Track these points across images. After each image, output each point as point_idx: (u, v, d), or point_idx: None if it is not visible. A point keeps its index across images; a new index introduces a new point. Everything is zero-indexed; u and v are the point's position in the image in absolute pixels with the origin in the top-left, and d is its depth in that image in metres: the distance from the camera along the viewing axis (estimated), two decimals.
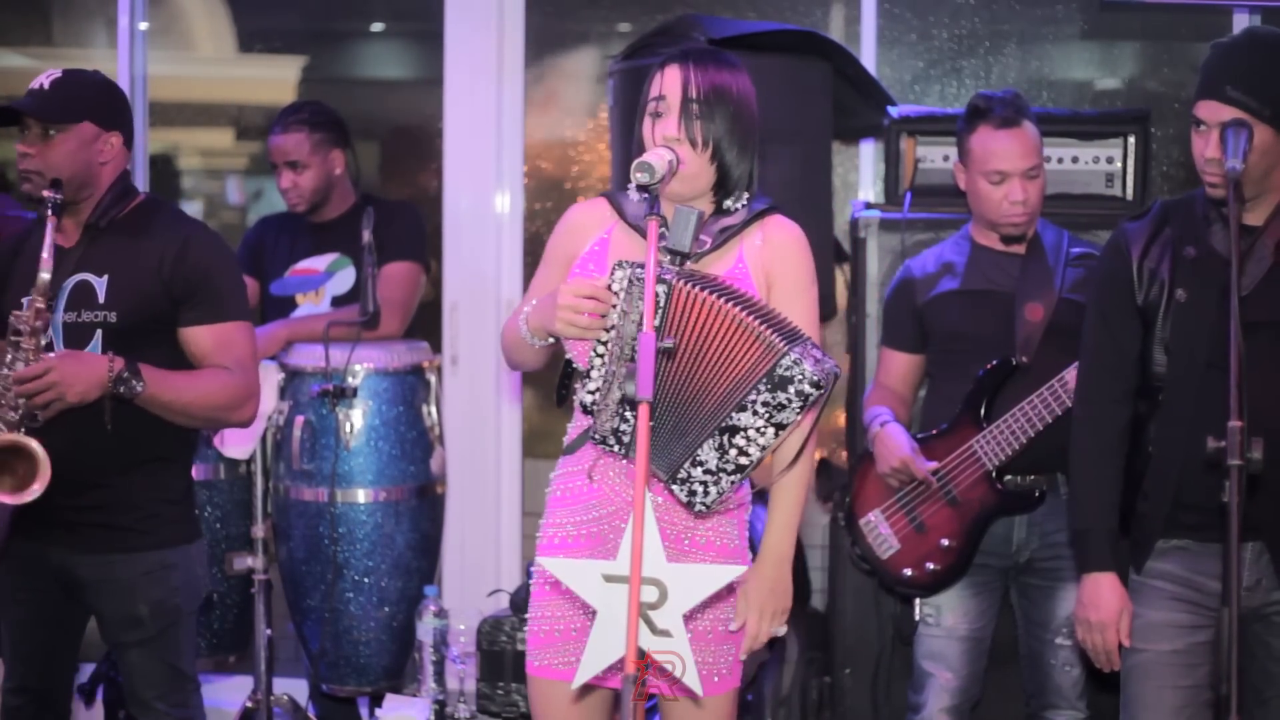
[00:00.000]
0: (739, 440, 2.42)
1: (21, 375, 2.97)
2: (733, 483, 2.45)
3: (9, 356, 3.02)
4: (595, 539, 2.62)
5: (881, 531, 3.48)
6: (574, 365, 2.62)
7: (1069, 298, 3.40)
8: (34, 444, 2.97)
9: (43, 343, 3.01)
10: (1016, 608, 3.53)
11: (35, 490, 2.96)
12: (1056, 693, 3.44)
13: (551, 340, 2.63)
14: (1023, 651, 3.53)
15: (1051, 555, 3.43)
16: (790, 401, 2.40)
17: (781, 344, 2.39)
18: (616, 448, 2.48)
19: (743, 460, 2.43)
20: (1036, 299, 3.40)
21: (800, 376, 2.38)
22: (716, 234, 2.64)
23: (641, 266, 2.41)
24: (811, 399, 2.40)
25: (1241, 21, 4.30)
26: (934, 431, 3.46)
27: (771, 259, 2.65)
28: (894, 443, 3.42)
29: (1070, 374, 3.28)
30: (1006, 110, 3.38)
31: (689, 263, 2.57)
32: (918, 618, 3.51)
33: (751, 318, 2.42)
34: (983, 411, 3.39)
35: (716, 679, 2.64)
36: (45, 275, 3.01)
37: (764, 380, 2.39)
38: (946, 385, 3.49)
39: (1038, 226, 3.49)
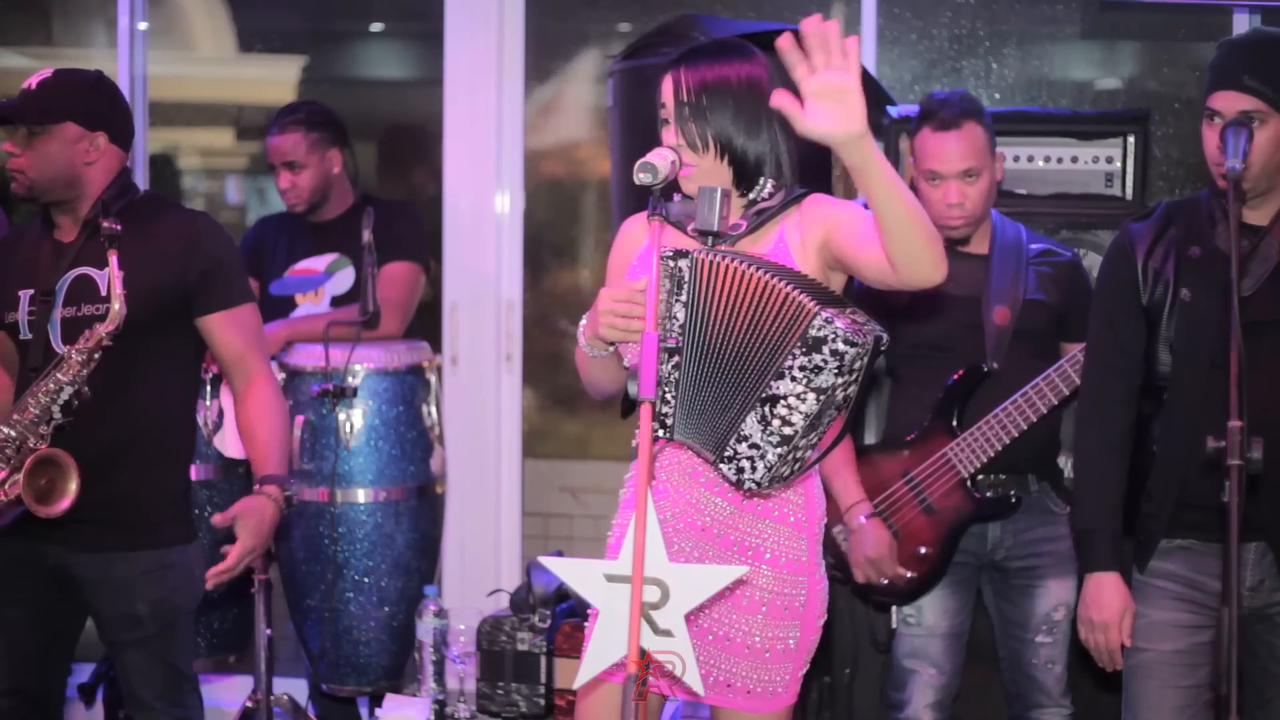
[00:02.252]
0: (780, 409, 2.36)
1: (223, 568, 3.06)
2: (780, 455, 2.39)
3: (29, 401, 3.05)
4: (665, 543, 2.58)
5: None
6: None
7: (1032, 299, 3.39)
8: (65, 456, 3.02)
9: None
10: (992, 609, 3.51)
11: (68, 497, 3.02)
12: (1041, 691, 3.42)
13: (611, 349, 2.60)
14: (1001, 654, 3.51)
15: (1025, 554, 3.42)
16: (826, 363, 2.33)
17: (812, 304, 2.34)
18: (660, 431, 2.45)
19: (786, 430, 2.37)
20: (1002, 302, 3.38)
21: (834, 335, 2.32)
22: (752, 216, 2.61)
23: (673, 255, 2.41)
24: (847, 358, 2.33)
25: (1241, 21, 4.30)
26: (907, 438, 3.46)
27: (814, 222, 2.59)
28: (875, 538, 3.38)
29: (1043, 382, 3.28)
30: (948, 111, 3.34)
31: (724, 244, 2.55)
32: (894, 625, 3.50)
33: (779, 281, 2.37)
34: (955, 419, 3.39)
35: (772, 695, 2.62)
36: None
37: (799, 344, 2.34)
38: (915, 390, 3.47)
39: (996, 223, 3.47)
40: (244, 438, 3.21)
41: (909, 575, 3.42)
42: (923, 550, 3.41)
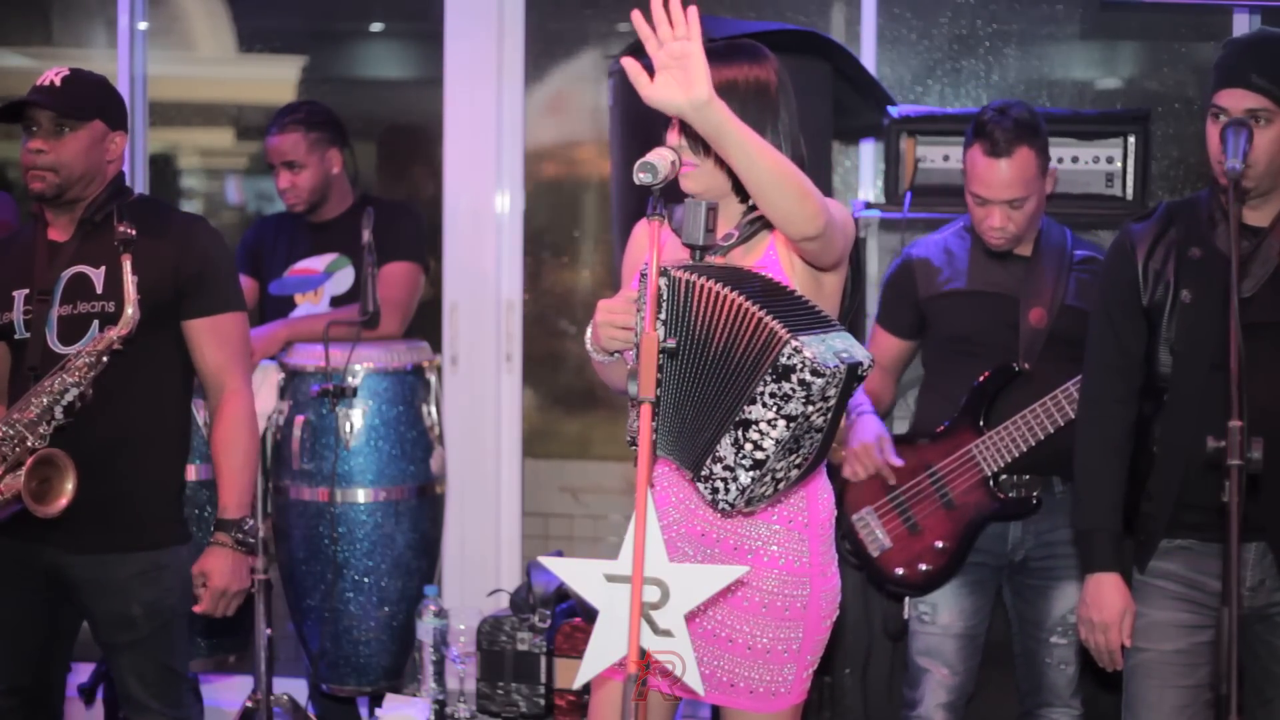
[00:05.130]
0: (753, 434, 2.34)
1: (203, 610, 3.20)
2: (753, 479, 2.37)
3: (27, 403, 3.06)
4: (668, 546, 2.58)
5: (874, 529, 3.48)
6: None
7: (1071, 305, 3.38)
8: (63, 456, 3.02)
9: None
10: (1010, 607, 3.53)
11: (65, 496, 3.03)
12: (1051, 691, 3.44)
13: (616, 356, 2.59)
14: (1017, 650, 3.52)
15: (1046, 554, 3.42)
16: (794, 392, 2.31)
17: (784, 332, 2.31)
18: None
19: (758, 455, 2.35)
20: (1039, 304, 3.39)
21: (801, 365, 2.29)
22: (744, 226, 2.59)
23: (662, 270, 2.40)
24: (815, 388, 2.31)
25: (1241, 21, 4.30)
26: (935, 431, 3.46)
27: None
28: (862, 430, 3.43)
29: (1074, 386, 3.28)
30: (1002, 137, 3.29)
31: (714, 255, 2.54)
32: (906, 616, 3.51)
33: (754, 304, 2.34)
34: (982, 417, 3.39)
35: (774, 695, 2.61)
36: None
37: (769, 370, 2.31)
38: (945, 384, 3.49)
39: (1043, 227, 3.46)
40: (214, 464, 3.24)
41: (924, 567, 3.42)
42: (939, 544, 3.41)
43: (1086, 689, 3.53)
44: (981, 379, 3.39)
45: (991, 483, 3.39)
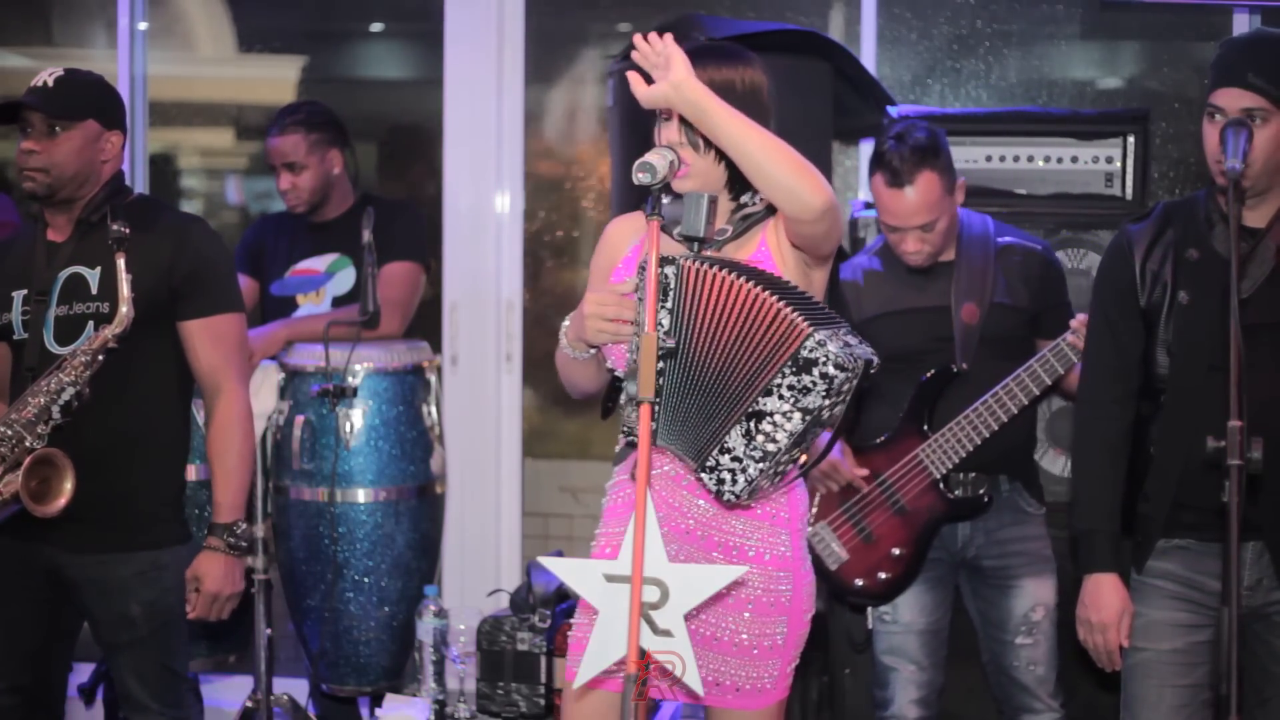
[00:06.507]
0: (766, 426, 2.35)
1: (196, 616, 3.20)
2: (761, 470, 2.38)
3: (26, 401, 3.06)
4: None
5: (829, 542, 3.47)
6: (617, 375, 2.61)
7: (1000, 303, 3.39)
8: (61, 455, 3.02)
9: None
10: (972, 612, 3.52)
11: (64, 496, 3.03)
12: (1026, 693, 3.42)
13: (593, 352, 2.61)
14: (985, 659, 3.51)
15: (998, 554, 3.42)
16: (815, 385, 2.32)
17: (805, 324, 2.32)
18: None
19: (770, 447, 2.36)
20: (970, 300, 3.38)
21: (825, 358, 2.30)
22: (737, 221, 2.61)
23: (659, 262, 2.40)
24: (836, 382, 2.32)
25: (1241, 21, 4.31)
26: (878, 441, 3.46)
27: (781, 219, 2.58)
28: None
29: (1014, 382, 3.29)
30: (902, 165, 3.27)
31: (710, 249, 2.54)
32: (869, 626, 3.51)
33: (770, 295, 2.36)
34: (925, 421, 3.39)
35: (760, 692, 2.62)
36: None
37: (788, 363, 2.32)
38: (886, 392, 3.46)
39: (962, 224, 3.45)
40: (209, 466, 3.24)
41: (883, 576, 3.42)
42: (896, 551, 3.42)
43: (1086, 689, 3.52)
44: (922, 382, 3.39)
45: (941, 485, 3.39)
